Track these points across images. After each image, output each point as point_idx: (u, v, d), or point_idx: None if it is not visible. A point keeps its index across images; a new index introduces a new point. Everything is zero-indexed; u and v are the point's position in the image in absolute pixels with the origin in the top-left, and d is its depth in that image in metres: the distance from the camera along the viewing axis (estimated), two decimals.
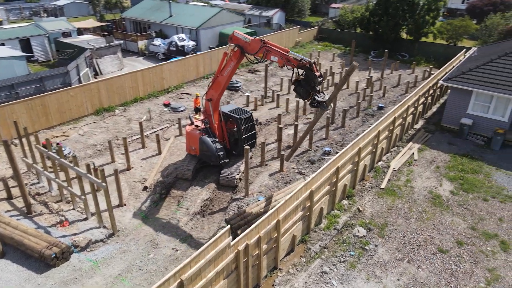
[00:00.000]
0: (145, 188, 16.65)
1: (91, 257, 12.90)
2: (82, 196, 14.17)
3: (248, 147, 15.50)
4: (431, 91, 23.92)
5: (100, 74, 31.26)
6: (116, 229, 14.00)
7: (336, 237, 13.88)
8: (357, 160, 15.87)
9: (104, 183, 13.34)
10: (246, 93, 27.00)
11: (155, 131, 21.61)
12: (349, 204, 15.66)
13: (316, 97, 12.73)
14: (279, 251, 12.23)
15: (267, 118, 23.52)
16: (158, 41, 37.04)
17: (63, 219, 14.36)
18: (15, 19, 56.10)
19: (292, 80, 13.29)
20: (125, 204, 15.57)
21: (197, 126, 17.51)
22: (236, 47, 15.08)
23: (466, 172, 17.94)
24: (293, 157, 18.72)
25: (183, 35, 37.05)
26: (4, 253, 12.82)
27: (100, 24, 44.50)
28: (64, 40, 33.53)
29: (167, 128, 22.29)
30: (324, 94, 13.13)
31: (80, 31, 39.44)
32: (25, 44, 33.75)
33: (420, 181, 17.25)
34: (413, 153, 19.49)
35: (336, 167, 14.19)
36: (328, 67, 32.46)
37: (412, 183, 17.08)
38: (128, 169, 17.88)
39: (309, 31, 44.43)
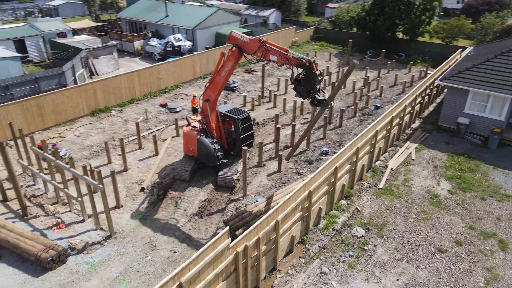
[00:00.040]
0: (142, 189, 16.54)
1: (88, 260, 12.77)
2: (78, 198, 14.05)
3: (246, 148, 15.44)
4: (428, 91, 23.98)
5: (96, 74, 31.05)
6: (113, 231, 13.88)
7: (334, 238, 13.84)
8: (355, 160, 15.85)
9: (100, 185, 13.24)
10: (243, 93, 26.91)
11: (152, 132, 21.47)
12: (347, 204, 15.63)
13: (316, 96, 12.71)
14: (278, 252, 12.17)
15: (264, 118, 23.46)
16: (154, 41, 36.86)
17: (59, 221, 14.22)
18: (9, 19, 55.62)
19: (291, 79, 13.26)
20: (122, 206, 15.45)
21: (194, 126, 17.42)
22: (234, 47, 15.00)
23: (463, 171, 17.97)
24: (291, 157, 18.66)
25: (179, 35, 36.93)
26: (0, 257, 12.66)
27: (95, 24, 44.26)
28: (59, 41, 33.24)
29: (164, 129, 22.16)
30: (324, 93, 13.13)
31: (75, 32, 39.19)
32: (20, 45, 33.45)
33: (418, 181, 17.25)
34: (410, 153, 19.51)
35: (335, 167, 14.15)
36: (324, 67, 32.46)
37: (410, 183, 17.09)
38: (125, 170, 17.75)
39: (305, 31, 44.44)
